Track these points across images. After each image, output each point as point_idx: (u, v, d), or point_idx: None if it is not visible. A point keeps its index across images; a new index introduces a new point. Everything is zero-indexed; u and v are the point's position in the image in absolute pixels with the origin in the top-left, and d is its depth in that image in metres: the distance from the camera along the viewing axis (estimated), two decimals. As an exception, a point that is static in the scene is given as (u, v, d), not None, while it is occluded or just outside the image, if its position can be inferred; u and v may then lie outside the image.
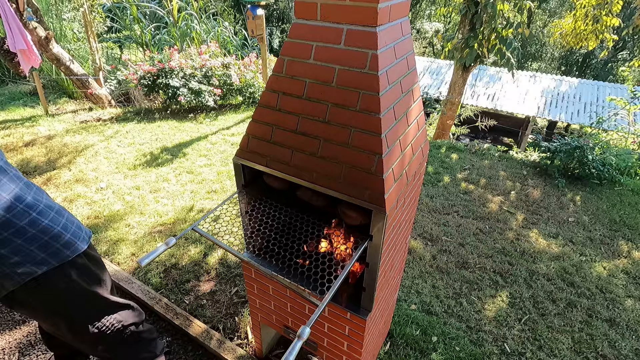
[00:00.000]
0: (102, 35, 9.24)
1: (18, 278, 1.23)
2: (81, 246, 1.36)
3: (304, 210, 1.41)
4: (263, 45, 5.82)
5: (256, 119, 1.29)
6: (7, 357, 2.09)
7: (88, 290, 1.41)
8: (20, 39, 4.61)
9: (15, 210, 1.20)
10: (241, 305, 2.47)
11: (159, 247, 1.20)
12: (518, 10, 5.65)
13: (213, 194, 3.75)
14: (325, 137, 1.16)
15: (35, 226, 1.24)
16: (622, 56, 19.83)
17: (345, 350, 1.58)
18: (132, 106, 6.65)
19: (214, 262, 2.82)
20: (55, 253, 1.28)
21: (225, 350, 2.10)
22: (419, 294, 2.64)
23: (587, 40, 7.95)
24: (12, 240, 1.19)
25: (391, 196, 1.14)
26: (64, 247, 1.30)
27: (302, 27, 1.12)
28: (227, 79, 6.45)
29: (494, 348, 2.28)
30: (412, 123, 1.32)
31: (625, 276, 2.98)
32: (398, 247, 1.55)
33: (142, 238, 3.04)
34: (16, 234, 1.20)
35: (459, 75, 6.65)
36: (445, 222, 3.52)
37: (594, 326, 2.48)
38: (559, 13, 19.17)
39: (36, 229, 1.24)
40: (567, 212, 3.84)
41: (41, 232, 1.25)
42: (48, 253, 1.26)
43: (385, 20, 1.03)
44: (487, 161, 4.91)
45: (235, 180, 1.46)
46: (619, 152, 4.59)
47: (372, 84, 1.05)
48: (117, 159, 4.40)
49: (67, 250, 1.31)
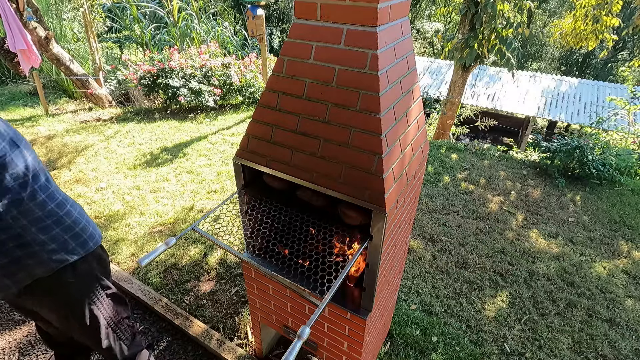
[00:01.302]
0: (102, 35, 9.24)
1: (52, 265, 1.31)
2: (99, 239, 1.48)
3: (304, 210, 1.41)
4: (263, 45, 5.82)
5: (256, 119, 1.29)
6: (7, 357, 2.09)
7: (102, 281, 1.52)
8: (20, 39, 4.61)
9: (57, 201, 1.31)
10: (241, 305, 2.47)
11: (159, 247, 1.20)
12: (518, 10, 5.65)
13: (213, 194, 3.76)
14: (325, 137, 1.16)
15: (70, 217, 1.35)
16: (622, 56, 19.84)
17: (345, 350, 1.58)
18: (132, 106, 6.65)
19: (214, 262, 2.82)
20: (82, 243, 1.39)
21: (225, 350, 2.10)
22: (419, 294, 2.64)
23: (587, 40, 7.95)
24: (53, 228, 1.29)
25: (391, 196, 1.14)
26: (89, 239, 1.42)
27: (302, 27, 1.12)
28: (227, 79, 6.45)
29: (494, 348, 2.28)
30: (412, 123, 1.32)
31: (625, 276, 2.98)
32: (398, 247, 1.55)
33: (142, 238, 3.04)
34: (56, 223, 1.30)
35: (459, 75, 6.65)
36: (445, 222, 3.52)
37: (594, 326, 2.48)
38: (559, 13, 19.17)
39: (70, 220, 1.35)
40: (567, 212, 3.84)
41: (73, 223, 1.37)
42: (77, 243, 1.37)
43: (385, 20, 1.03)
44: (487, 161, 4.91)
45: (235, 180, 1.46)
46: (619, 152, 4.59)
47: (372, 84, 1.05)
48: (117, 159, 4.40)
49: (90, 241, 1.42)
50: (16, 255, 1.24)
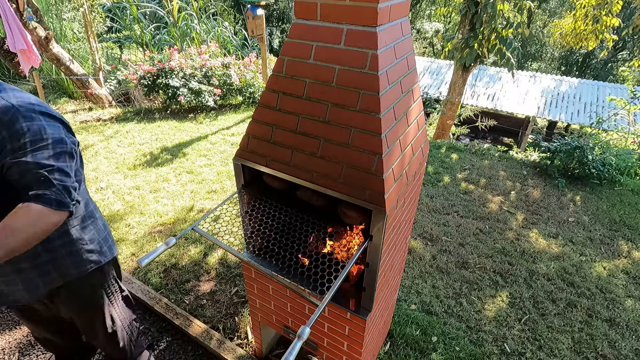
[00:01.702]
0: (102, 35, 9.23)
1: (87, 266, 1.35)
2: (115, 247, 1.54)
3: (304, 210, 1.41)
4: (263, 45, 5.82)
5: (256, 119, 1.29)
6: (7, 357, 2.09)
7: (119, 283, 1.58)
8: (20, 39, 4.60)
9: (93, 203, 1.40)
10: (241, 305, 2.46)
11: (159, 247, 1.20)
12: (518, 10, 5.65)
13: (213, 194, 3.75)
14: (325, 137, 1.16)
15: (101, 220, 1.44)
16: (622, 56, 19.83)
17: (345, 350, 1.58)
18: (132, 106, 6.65)
19: (214, 262, 2.82)
20: (110, 247, 1.45)
21: (225, 350, 2.10)
22: (419, 294, 2.64)
23: (587, 40, 7.94)
24: (91, 228, 1.35)
25: (391, 196, 1.14)
26: (112, 244, 1.48)
27: (302, 27, 1.12)
28: (227, 79, 6.45)
29: (494, 348, 2.28)
30: (412, 123, 1.32)
31: (625, 276, 2.98)
32: (398, 247, 1.55)
33: (142, 238, 3.04)
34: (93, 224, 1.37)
35: (459, 75, 6.65)
36: (445, 222, 3.52)
37: (594, 326, 2.48)
38: (559, 13, 19.17)
39: (101, 223, 1.43)
40: (567, 212, 3.84)
41: (103, 226, 1.44)
42: (107, 246, 1.43)
43: (385, 20, 1.03)
44: (487, 161, 4.91)
45: (235, 180, 1.46)
46: (619, 152, 4.58)
47: (372, 84, 1.05)
48: (117, 159, 4.40)
49: (113, 246, 1.49)
50: (59, 253, 1.26)
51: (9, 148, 1.02)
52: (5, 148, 1.02)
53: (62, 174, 1.09)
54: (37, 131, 1.06)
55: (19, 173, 1.04)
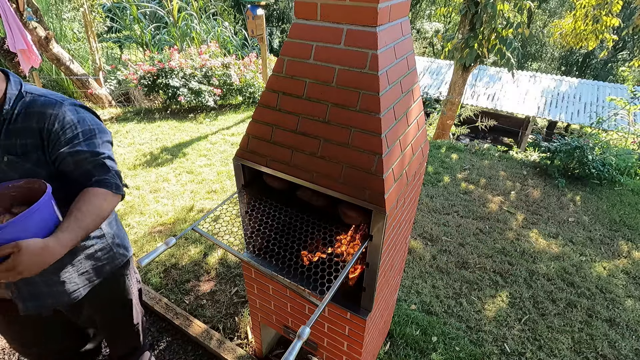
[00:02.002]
0: (102, 35, 9.24)
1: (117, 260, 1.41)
2: None
3: (304, 210, 1.41)
4: (263, 45, 5.82)
5: (256, 119, 1.29)
6: (7, 357, 2.09)
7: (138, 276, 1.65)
8: (20, 39, 4.60)
9: None
10: (241, 305, 2.46)
11: (159, 247, 1.20)
12: (518, 10, 5.65)
13: (213, 194, 3.75)
14: (325, 137, 1.16)
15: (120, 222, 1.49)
16: (622, 56, 19.83)
17: (345, 350, 1.58)
18: (132, 106, 6.65)
19: (214, 262, 2.82)
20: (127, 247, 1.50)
21: (225, 350, 2.10)
22: (419, 294, 2.64)
23: (587, 40, 7.94)
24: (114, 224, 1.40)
25: (391, 196, 1.14)
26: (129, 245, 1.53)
27: (302, 27, 1.12)
28: (227, 79, 6.45)
29: (494, 348, 2.28)
30: (412, 123, 1.32)
31: (625, 276, 2.98)
32: (398, 247, 1.55)
33: (142, 238, 3.04)
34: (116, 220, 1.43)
35: (459, 75, 6.65)
36: (445, 222, 3.52)
37: (594, 326, 2.48)
38: (559, 13, 19.16)
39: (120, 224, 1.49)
40: (567, 212, 3.84)
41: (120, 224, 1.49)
42: (125, 246, 1.47)
43: (385, 20, 1.03)
44: (487, 161, 4.91)
45: (235, 180, 1.46)
46: (619, 152, 4.58)
47: (372, 84, 1.05)
48: (117, 159, 4.39)
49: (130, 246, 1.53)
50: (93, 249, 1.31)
51: (63, 140, 1.09)
52: (59, 140, 1.09)
53: (112, 161, 1.18)
54: (85, 122, 1.13)
55: (74, 163, 1.11)
